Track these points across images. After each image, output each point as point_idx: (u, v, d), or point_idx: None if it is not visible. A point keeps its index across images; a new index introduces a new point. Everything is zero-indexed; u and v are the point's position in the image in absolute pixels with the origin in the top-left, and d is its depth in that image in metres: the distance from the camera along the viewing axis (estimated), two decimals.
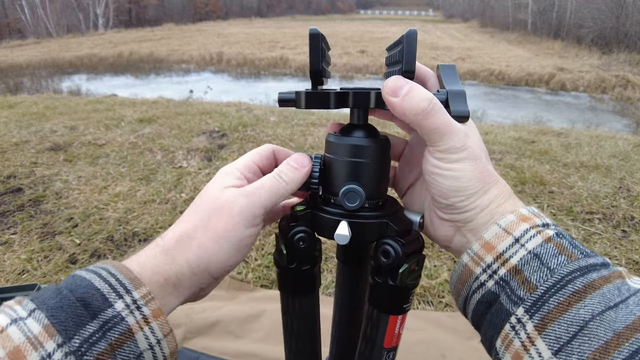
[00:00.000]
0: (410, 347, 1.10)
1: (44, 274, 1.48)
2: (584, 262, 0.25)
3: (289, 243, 0.33)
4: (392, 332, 0.35)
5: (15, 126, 3.27)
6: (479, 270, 0.29)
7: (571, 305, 0.24)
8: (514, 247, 0.27)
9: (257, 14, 45.86)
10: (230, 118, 3.44)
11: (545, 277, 0.25)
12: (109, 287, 0.25)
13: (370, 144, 0.32)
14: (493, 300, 0.28)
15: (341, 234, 0.31)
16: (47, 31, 24.03)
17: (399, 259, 0.31)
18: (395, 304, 0.34)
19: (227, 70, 11.15)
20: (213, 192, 0.33)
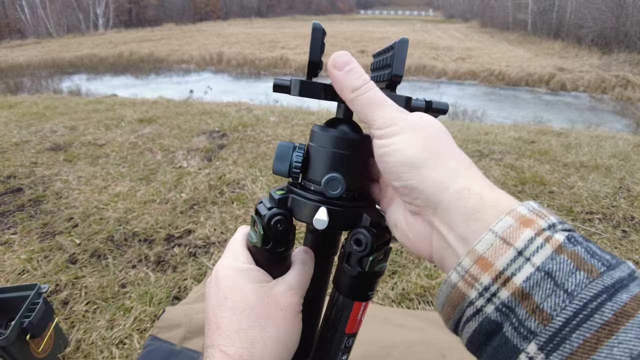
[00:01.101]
0: (410, 347, 1.10)
1: (44, 274, 1.48)
2: (609, 278, 0.20)
3: (267, 225, 0.34)
4: (354, 318, 0.37)
5: (16, 126, 3.27)
6: (474, 293, 0.23)
7: (601, 342, 0.19)
8: (517, 262, 0.22)
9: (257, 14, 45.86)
10: (230, 118, 3.44)
11: (563, 304, 0.20)
12: None
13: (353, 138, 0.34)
14: (494, 331, 0.22)
15: (320, 219, 0.32)
16: (47, 31, 24.03)
17: (370, 248, 0.33)
18: (361, 290, 0.36)
19: (227, 70, 11.15)
20: (260, 294, 0.33)
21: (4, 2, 26.68)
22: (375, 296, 1.33)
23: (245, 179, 2.22)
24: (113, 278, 1.46)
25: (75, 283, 1.44)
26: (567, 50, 15.04)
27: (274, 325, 0.32)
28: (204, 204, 1.96)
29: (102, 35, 21.84)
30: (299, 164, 0.34)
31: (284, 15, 50.94)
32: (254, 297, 0.33)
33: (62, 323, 1.28)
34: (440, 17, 47.68)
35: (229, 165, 2.42)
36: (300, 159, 0.34)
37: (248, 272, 0.34)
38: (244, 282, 0.34)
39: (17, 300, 1.10)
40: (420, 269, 1.45)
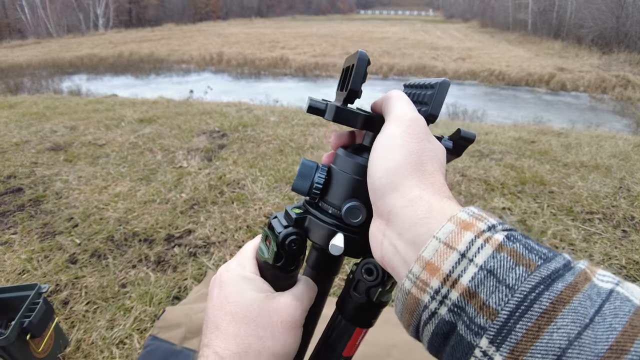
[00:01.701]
0: (410, 347, 1.10)
1: (44, 273, 1.48)
2: (545, 270, 0.22)
3: (281, 243, 0.34)
4: (354, 342, 0.37)
5: (16, 126, 3.27)
6: (427, 297, 0.24)
7: (541, 329, 0.20)
8: (462, 264, 0.23)
9: (257, 14, 45.87)
10: (231, 118, 3.44)
11: (506, 298, 0.21)
12: None
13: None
14: (450, 331, 0.23)
15: (336, 245, 0.32)
16: (47, 31, 24.04)
17: (381, 279, 0.33)
18: (365, 317, 0.36)
19: (227, 70, 11.16)
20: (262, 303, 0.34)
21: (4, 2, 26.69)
22: None
23: (246, 179, 2.22)
24: (113, 278, 1.46)
25: (75, 283, 1.44)
26: (567, 50, 15.04)
27: (272, 337, 0.32)
28: (204, 204, 1.96)
29: (102, 35, 21.84)
30: (320, 185, 0.35)
31: (284, 15, 50.94)
32: (255, 306, 0.33)
33: (62, 323, 1.28)
34: (440, 17, 47.68)
35: (229, 165, 2.42)
36: (322, 180, 0.35)
37: (253, 281, 0.35)
38: (247, 289, 0.34)
39: (17, 300, 1.10)
40: None
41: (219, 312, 0.33)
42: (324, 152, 2.60)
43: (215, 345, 0.32)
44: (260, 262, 0.37)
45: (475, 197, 1.97)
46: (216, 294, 0.35)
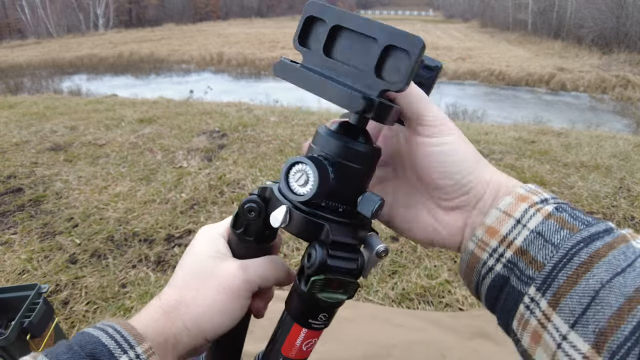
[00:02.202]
0: (410, 347, 1.10)
1: (44, 274, 1.48)
2: (586, 232, 0.26)
3: (240, 208, 0.34)
4: (292, 340, 0.34)
5: (16, 126, 3.28)
6: (486, 255, 0.29)
7: (580, 277, 0.24)
8: (517, 228, 0.28)
9: (257, 14, 45.87)
10: (231, 118, 3.44)
11: (551, 254, 0.26)
12: (114, 343, 0.28)
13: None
14: (504, 284, 0.28)
15: (275, 216, 0.30)
16: (47, 31, 24.04)
17: (317, 267, 0.29)
18: (300, 312, 0.33)
19: (227, 70, 11.16)
20: (209, 262, 0.35)
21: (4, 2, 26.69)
22: (376, 296, 1.33)
23: (246, 179, 2.22)
24: (113, 278, 1.46)
25: (75, 283, 1.44)
26: (567, 50, 15.03)
27: (204, 294, 0.33)
28: (204, 204, 1.96)
29: (102, 36, 21.84)
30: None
31: (284, 15, 50.92)
32: (204, 263, 0.35)
33: (63, 323, 1.28)
34: (440, 17, 47.67)
35: (229, 165, 2.42)
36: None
37: (215, 242, 0.36)
38: (204, 248, 0.36)
39: (17, 300, 1.10)
40: (420, 269, 1.45)
41: (180, 263, 0.36)
42: None
43: (163, 291, 0.34)
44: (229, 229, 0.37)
45: None
46: (188, 247, 0.37)
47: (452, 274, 1.43)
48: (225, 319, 0.33)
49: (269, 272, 0.35)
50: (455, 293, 1.33)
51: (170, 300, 0.33)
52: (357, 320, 1.20)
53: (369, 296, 1.32)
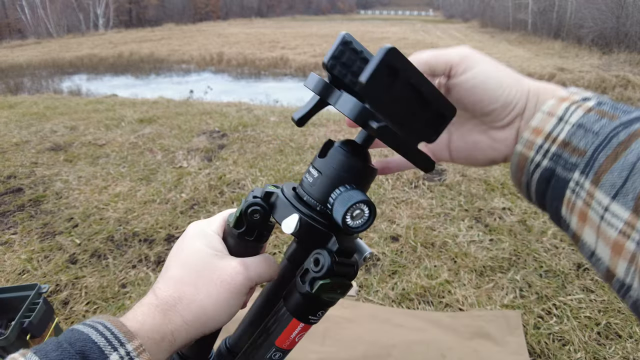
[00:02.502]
0: (410, 347, 1.10)
1: (44, 274, 1.48)
2: (625, 117, 0.27)
3: (244, 210, 0.36)
4: (288, 334, 0.36)
5: (16, 126, 3.27)
6: (533, 153, 0.31)
7: (619, 154, 0.26)
8: (560, 125, 0.30)
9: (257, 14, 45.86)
10: (231, 118, 3.44)
11: (592, 140, 0.28)
12: (105, 341, 0.28)
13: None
14: (551, 175, 0.30)
15: (288, 224, 0.33)
16: (47, 31, 24.04)
17: (325, 272, 0.32)
18: (303, 310, 0.35)
19: (227, 70, 11.15)
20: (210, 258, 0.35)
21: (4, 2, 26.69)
22: (376, 296, 1.33)
23: (246, 179, 2.22)
24: (113, 278, 1.46)
25: (75, 283, 1.44)
26: (567, 50, 15.03)
27: (207, 291, 0.33)
28: (204, 204, 1.96)
29: (102, 36, 21.84)
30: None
31: (284, 15, 50.91)
32: (203, 259, 0.35)
33: (63, 323, 1.28)
34: (440, 17, 47.65)
35: (229, 165, 2.42)
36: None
37: (211, 238, 0.37)
38: (202, 244, 0.36)
39: (17, 300, 1.10)
40: (420, 269, 1.45)
41: (173, 259, 0.36)
42: None
43: (156, 287, 0.34)
44: (226, 226, 0.38)
45: (475, 197, 1.97)
46: (178, 242, 0.38)
47: (452, 274, 1.43)
48: (225, 315, 0.34)
49: (265, 270, 0.37)
50: (455, 293, 1.33)
51: (168, 296, 0.33)
52: (357, 320, 1.20)
53: (369, 296, 1.32)
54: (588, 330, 1.18)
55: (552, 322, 1.21)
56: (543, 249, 1.55)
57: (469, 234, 1.65)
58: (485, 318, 1.22)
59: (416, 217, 1.79)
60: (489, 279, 1.40)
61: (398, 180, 2.15)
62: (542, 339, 1.15)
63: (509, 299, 1.30)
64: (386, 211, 1.83)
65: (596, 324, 1.20)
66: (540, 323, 1.21)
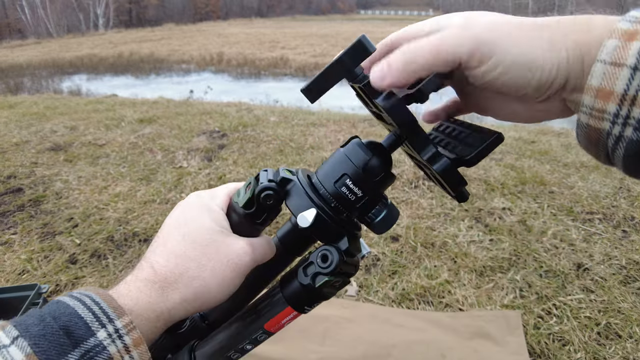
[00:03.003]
0: (410, 347, 1.10)
1: (44, 274, 1.48)
2: None
3: (257, 193, 0.35)
4: (279, 319, 0.36)
5: (16, 126, 3.28)
6: (607, 125, 0.23)
7: None
8: (636, 78, 0.21)
9: (257, 14, 45.86)
10: (231, 118, 3.44)
11: None
12: (92, 316, 0.26)
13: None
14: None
15: (305, 217, 0.32)
16: (47, 31, 24.04)
17: (332, 270, 0.32)
18: (301, 301, 0.35)
19: (227, 70, 11.15)
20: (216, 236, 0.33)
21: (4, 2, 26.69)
22: (376, 296, 1.33)
23: (246, 179, 2.22)
24: (113, 278, 1.46)
25: (75, 283, 1.44)
26: None
27: (211, 269, 0.31)
28: None
29: (102, 35, 21.84)
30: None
31: (284, 15, 50.91)
32: (208, 235, 0.33)
33: None
34: None
35: (229, 165, 2.42)
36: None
37: (216, 214, 0.35)
38: (207, 218, 0.34)
39: (17, 300, 1.10)
40: (420, 269, 1.45)
41: (173, 231, 0.33)
42: (324, 152, 2.60)
43: (153, 260, 0.32)
44: (232, 202, 0.37)
45: (475, 197, 1.97)
46: (177, 213, 0.35)
47: (452, 274, 1.43)
48: (227, 294, 0.33)
49: (268, 252, 0.36)
50: (455, 293, 1.33)
51: (167, 272, 0.31)
52: (357, 320, 1.20)
53: (369, 296, 1.33)
54: (588, 330, 1.18)
55: (552, 322, 1.21)
56: (543, 249, 1.55)
57: (469, 234, 1.65)
58: (485, 318, 1.22)
59: (416, 217, 1.79)
60: (489, 279, 1.40)
61: (398, 180, 2.15)
62: (542, 339, 1.15)
63: (509, 299, 1.30)
64: None
65: (596, 324, 1.20)
66: (540, 323, 1.21)
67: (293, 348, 1.09)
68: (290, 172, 0.37)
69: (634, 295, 1.31)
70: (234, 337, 0.37)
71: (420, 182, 2.13)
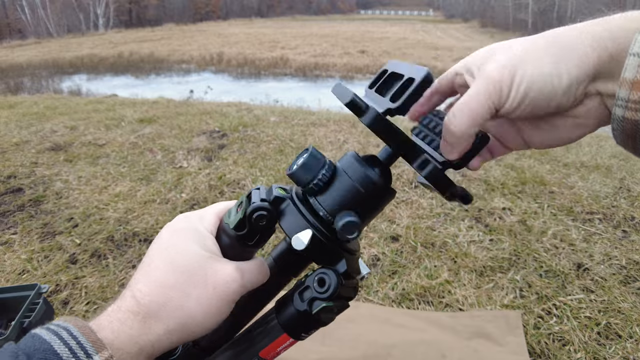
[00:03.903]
0: (411, 347, 1.10)
1: (44, 274, 1.48)
2: None
3: (249, 214, 0.33)
4: (275, 347, 0.34)
5: (16, 126, 3.28)
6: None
7: None
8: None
9: (257, 14, 45.86)
10: (231, 118, 3.44)
11: None
12: (68, 352, 0.24)
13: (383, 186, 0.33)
14: None
15: (300, 239, 0.30)
16: (47, 31, 24.05)
17: (330, 294, 0.31)
18: (297, 328, 0.33)
19: (227, 70, 11.15)
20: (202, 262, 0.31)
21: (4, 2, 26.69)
22: (376, 296, 1.33)
23: (246, 179, 2.22)
24: (113, 278, 1.46)
25: (75, 283, 1.44)
26: None
27: (197, 298, 0.30)
28: (204, 204, 1.96)
29: (102, 35, 21.84)
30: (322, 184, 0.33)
31: (284, 15, 50.90)
32: (195, 261, 0.31)
33: None
34: (440, 17, 47.63)
35: (229, 165, 2.42)
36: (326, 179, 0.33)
37: (204, 238, 0.33)
38: (194, 243, 0.32)
39: (17, 300, 1.10)
40: (420, 269, 1.45)
41: (157, 256, 0.32)
42: (324, 152, 2.60)
43: (136, 289, 0.30)
44: (222, 223, 0.35)
45: (475, 197, 1.97)
46: (163, 238, 0.33)
47: (452, 274, 1.43)
48: (214, 323, 0.31)
49: (259, 276, 0.34)
50: (455, 293, 1.33)
51: (150, 302, 0.29)
52: (357, 320, 1.20)
53: (369, 296, 1.32)
54: (588, 330, 1.18)
55: (552, 322, 1.21)
56: (543, 249, 1.55)
57: (469, 234, 1.65)
58: (485, 318, 1.22)
59: (416, 217, 1.79)
60: (489, 279, 1.40)
61: (398, 180, 2.15)
62: (542, 339, 1.15)
63: (509, 299, 1.30)
64: (386, 211, 1.83)
65: (596, 324, 1.20)
66: (540, 323, 1.21)
67: (293, 348, 1.09)
68: (284, 190, 0.35)
69: (634, 295, 1.31)
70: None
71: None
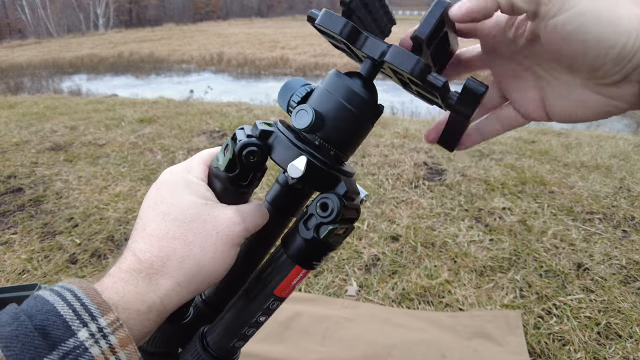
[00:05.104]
0: (411, 347, 1.10)
1: (44, 273, 1.48)
2: None
3: (238, 152, 0.32)
4: (289, 282, 0.34)
5: (16, 126, 3.28)
6: None
7: None
8: None
9: (257, 14, 45.88)
10: (231, 118, 3.44)
11: None
12: (72, 313, 0.23)
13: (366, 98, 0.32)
14: None
15: (296, 167, 0.30)
16: (47, 31, 24.05)
17: (334, 217, 0.31)
18: (308, 257, 0.33)
19: (227, 70, 11.15)
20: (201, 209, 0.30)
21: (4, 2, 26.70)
22: (376, 296, 1.33)
23: None
24: None
25: None
26: None
27: (201, 245, 0.29)
28: None
29: (102, 35, 21.84)
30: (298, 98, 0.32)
31: (284, 15, 50.91)
32: (192, 210, 0.30)
33: None
34: None
35: None
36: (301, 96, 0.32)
37: (196, 186, 0.32)
38: (186, 192, 0.31)
39: (17, 300, 1.10)
40: (420, 269, 1.45)
41: (150, 213, 0.31)
42: None
43: (135, 247, 0.29)
44: (212, 169, 0.34)
45: (475, 197, 1.97)
46: (153, 194, 0.32)
47: (452, 273, 1.43)
48: (223, 269, 0.30)
49: (260, 219, 0.33)
50: (455, 293, 1.33)
51: (152, 257, 0.28)
52: (357, 320, 1.20)
53: (369, 296, 1.33)
54: (588, 330, 1.18)
55: (552, 322, 1.21)
56: (543, 249, 1.55)
57: (469, 234, 1.65)
58: (485, 318, 1.22)
59: (416, 217, 1.79)
60: (489, 279, 1.40)
61: (398, 180, 2.15)
62: (542, 339, 1.15)
63: (509, 299, 1.30)
64: (386, 211, 1.83)
65: (596, 324, 1.20)
66: (540, 323, 1.21)
67: (293, 348, 1.09)
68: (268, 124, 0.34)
69: (634, 295, 1.31)
70: (244, 313, 0.35)
71: (420, 182, 2.13)
